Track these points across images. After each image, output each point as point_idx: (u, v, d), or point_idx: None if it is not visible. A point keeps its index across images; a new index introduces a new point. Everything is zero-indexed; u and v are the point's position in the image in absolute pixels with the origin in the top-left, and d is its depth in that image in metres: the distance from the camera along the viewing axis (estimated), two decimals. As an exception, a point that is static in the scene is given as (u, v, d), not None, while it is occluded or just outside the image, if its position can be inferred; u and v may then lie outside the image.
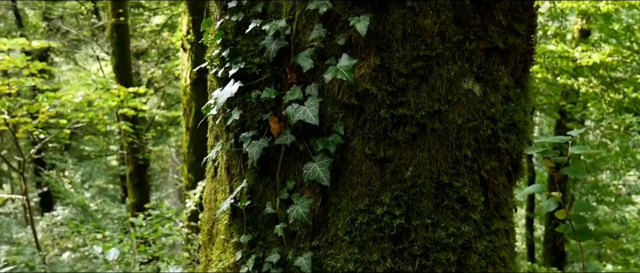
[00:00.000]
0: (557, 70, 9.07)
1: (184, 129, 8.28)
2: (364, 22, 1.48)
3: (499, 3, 1.60)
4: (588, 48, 8.62)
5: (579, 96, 9.61)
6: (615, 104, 9.11)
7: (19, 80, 8.36)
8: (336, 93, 1.58)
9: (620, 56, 8.54)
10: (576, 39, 9.80)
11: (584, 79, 9.00)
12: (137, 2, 11.82)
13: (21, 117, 8.24)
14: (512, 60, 1.68)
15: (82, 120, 9.00)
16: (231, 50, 1.68)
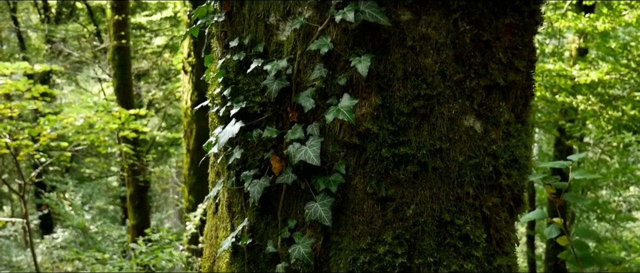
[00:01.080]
0: (555, 89, 9.09)
1: (185, 150, 8.29)
2: (365, 63, 1.50)
3: (499, 41, 1.61)
4: (586, 66, 8.66)
5: (578, 113, 9.63)
6: (614, 121, 9.12)
7: (21, 103, 8.38)
8: (337, 132, 1.59)
9: (618, 74, 8.57)
10: (574, 57, 9.84)
11: (582, 97, 9.02)
12: (139, 23, 11.90)
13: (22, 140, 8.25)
14: (513, 96, 1.69)
15: (83, 142, 9.01)
16: (233, 89, 1.69)
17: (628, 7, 7.53)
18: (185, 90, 8.14)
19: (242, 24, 1.69)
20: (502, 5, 1.58)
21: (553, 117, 9.96)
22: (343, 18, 1.48)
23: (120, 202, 13.04)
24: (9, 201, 12.70)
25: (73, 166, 12.87)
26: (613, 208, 11.41)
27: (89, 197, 12.23)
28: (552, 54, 9.05)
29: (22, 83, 8.04)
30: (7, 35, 13.24)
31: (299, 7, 1.59)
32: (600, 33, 8.40)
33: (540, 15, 1.71)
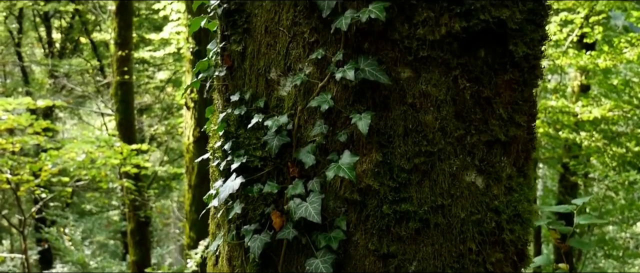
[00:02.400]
0: (558, 125, 9.09)
1: (186, 186, 8.27)
2: (366, 120, 1.49)
3: (499, 97, 1.61)
4: (588, 103, 8.68)
5: (582, 150, 9.61)
6: (619, 157, 9.10)
7: (23, 138, 8.41)
8: (338, 188, 1.58)
9: (621, 111, 8.57)
10: (576, 93, 9.88)
11: (585, 133, 9.01)
12: (142, 58, 12.02)
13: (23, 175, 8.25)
14: (514, 150, 1.69)
15: (84, 177, 9.00)
16: (233, 143, 1.68)
17: (629, 45, 7.58)
18: (187, 125, 8.17)
19: (243, 79, 1.70)
20: (501, 62, 1.59)
21: (557, 152, 9.95)
22: (343, 76, 1.48)
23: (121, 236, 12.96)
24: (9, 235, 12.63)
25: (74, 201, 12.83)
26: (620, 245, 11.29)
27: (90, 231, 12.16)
28: (555, 91, 9.09)
29: (25, 118, 8.09)
30: (11, 69, 13.37)
31: (299, 63, 1.59)
32: (602, 70, 8.44)
33: (540, 70, 1.71)
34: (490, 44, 1.57)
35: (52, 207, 12.22)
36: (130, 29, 9.79)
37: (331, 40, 1.55)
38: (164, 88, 12.27)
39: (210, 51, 1.80)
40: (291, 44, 1.60)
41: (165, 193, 13.34)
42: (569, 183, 10.68)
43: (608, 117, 8.50)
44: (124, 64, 9.59)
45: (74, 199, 12.54)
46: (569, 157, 9.90)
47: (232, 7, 1.68)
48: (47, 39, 12.86)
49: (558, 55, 7.85)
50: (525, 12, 1.60)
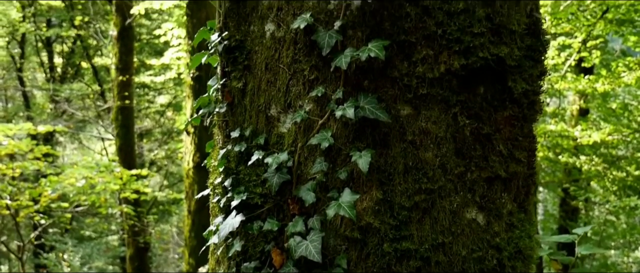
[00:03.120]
0: (558, 149, 9.10)
1: (186, 212, 8.23)
2: (366, 158, 1.49)
3: (499, 133, 1.61)
4: (587, 127, 8.69)
5: (582, 174, 9.60)
6: (619, 181, 9.08)
7: (23, 163, 8.41)
8: (339, 226, 1.57)
9: (621, 135, 8.59)
10: (575, 117, 9.90)
11: (585, 157, 9.01)
12: (143, 83, 12.08)
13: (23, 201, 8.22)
14: (515, 186, 1.68)
15: (83, 203, 8.97)
16: (233, 179, 1.68)
17: (627, 69, 7.63)
18: (187, 151, 8.16)
19: (243, 115, 1.70)
20: (501, 99, 1.59)
21: (557, 176, 9.94)
22: (343, 114, 1.48)
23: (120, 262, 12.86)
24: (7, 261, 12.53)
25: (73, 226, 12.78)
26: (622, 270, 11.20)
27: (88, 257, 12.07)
28: (554, 115, 9.11)
29: (25, 144, 8.10)
30: (12, 93, 13.43)
31: (299, 100, 1.60)
32: (600, 94, 8.48)
33: (539, 105, 1.71)
34: (490, 80, 1.57)
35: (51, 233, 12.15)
36: (132, 54, 9.85)
37: (331, 77, 1.55)
38: (164, 112, 12.30)
39: (210, 87, 1.81)
40: (291, 81, 1.60)
41: (164, 218, 13.28)
42: (570, 207, 10.64)
43: (608, 141, 8.51)
44: (124, 88, 9.63)
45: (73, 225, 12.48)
46: (569, 181, 9.88)
47: (232, 43, 1.69)
48: (49, 64, 12.93)
49: (556, 79, 7.89)
50: (524, 48, 1.61)
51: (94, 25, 11.77)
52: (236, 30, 1.69)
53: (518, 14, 1.59)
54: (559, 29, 7.62)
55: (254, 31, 1.66)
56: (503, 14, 1.55)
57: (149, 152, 12.54)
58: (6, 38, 12.23)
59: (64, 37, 12.29)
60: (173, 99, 12.56)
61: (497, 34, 1.54)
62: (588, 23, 6.88)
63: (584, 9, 6.73)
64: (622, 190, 9.29)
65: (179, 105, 11.78)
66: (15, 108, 13.10)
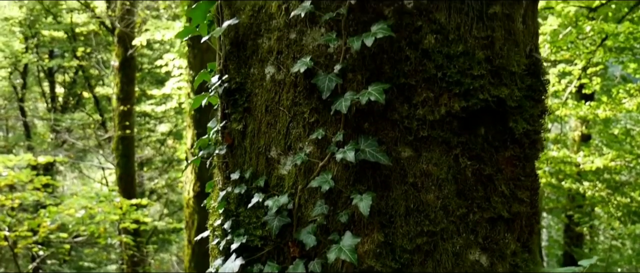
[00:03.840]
0: (561, 175, 9.06)
1: (186, 242, 8.17)
2: (367, 201, 1.48)
3: (501, 173, 1.60)
4: (590, 153, 8.68)
5: (586, 199, 9.55)
6: (623, 207, 9.02)
7: (23, 194, 8.39)
8: (340, 269, 1.55)
9: (623, 160, 8.56)
10: (577, 143, 9.89)
11: (589, 183, 8.97)
12: (144, 112, 12.11)
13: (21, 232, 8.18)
14: (518, 226, 1.66)
15: (83, 233, 8.91)
16: (233, 222, 1.67)
17: (627, 95, 7.64)
18: (187, 180, 8.13)
19: (243, 157, 1.70)
20: (502, 139, 1.59)
21: (561, 202, 9.88)
22: (344, 157, 1.47)
23: (120, 292, 12.71)
24: (6, 292, 12.39)
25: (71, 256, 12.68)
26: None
27: (88, 287, 11.94)
28: (556, 141, 9.10)
29: (25, 174, 8.09)
30: (13, 123, 13.47)
31: (299, 142, 1.59)
32: (602, 120, 8.47)
33: (541, 143, 1.70)
34: (490, 121, 1.57)
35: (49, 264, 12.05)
36: (133, 84, 9.91)
37: (331, 120, 1.55)
38: (165, 141, 12.30)
39: (210, 129, 1.81)
40: (291, 123, 1.60)
41: (164, 247, 13.18)
42: (575, 233, 10.56)
43: (610, 166, 8.49)
44: (125, 118, 9.66)
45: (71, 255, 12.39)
46: (573, 207, 9.82)
47: (232, 86, 1.69)
48: (51, 94, 13.00)
49: (558, 106, 7.90)
50: (524, 89, 1.60)
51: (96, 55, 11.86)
52: (236, 73, 1.69)
53: (517, 55, 1.60)
54: (559, 56, 7.66)
55: (254, 74, 1.66)
56: (503, 55, 1.55)
57: (149, 181, 12.51)
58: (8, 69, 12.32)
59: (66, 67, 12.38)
60: (174, 127, 12.58)
61: (497, 76, 1.54)
62: (588, 50, 6.91)
63: (583, 37, 6.77)
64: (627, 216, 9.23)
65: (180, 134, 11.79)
66: (16, 138, 13.12)
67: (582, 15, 6.81)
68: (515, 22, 1.62)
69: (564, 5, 6.75)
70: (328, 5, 1.55)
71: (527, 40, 1.66)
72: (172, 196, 13.41)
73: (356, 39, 1.48)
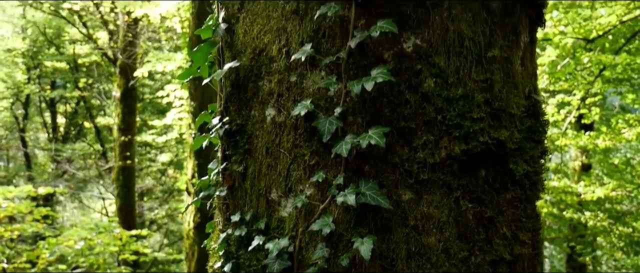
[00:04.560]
0: (562, 205, 9.03)
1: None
2: (368, 245, 1.47)
3: (502, 215, 1.60)
4: (590, 182, 8.65)
5: (587, 229, 9.49)
6: (625, 237, 8.96)
7: (22, 226, 8.35)
8: (341, 313, 1.53)
9: (624, 190, 8.53)
10: (578, 172, 9.88)
11: (590, 213, 8.93)
12: (144, 141, 12.13)
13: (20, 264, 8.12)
14: (520, 267, 1.65)
15: (82, 265, 8.84)
16: (234, 264, 1.65)
17: (626, 126, 7.65)
18: (188, 211, 8.10)
19: (243, 199, 1.69)
20: (502, 181, 1.59)
21: (563, 232, 9.82)
22: (344, 201, 1.47)
23: (118, 324, 12.53)
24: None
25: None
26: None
27: (86, 320, 11.76)
28: (556, 171, 9.08)
29: (25, 206, 8.07)
30: (14, 153, 13.48)
31: (300, 184, 1.59)
32: (602, 150, 8.48)
33: (542, 184, 1.71)
34: (491, 164, 1.57)
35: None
36: (134, 115, 9.94)
37: (332, 163, 1.55)
38: (165, 170, 12.29)
39: (211, 170, 1.81)
40: (292, 165, 1.60)
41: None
42: (577, 263, 10.46)
43: (612, 196, 8.45)
44: (126, 149, 9.67)
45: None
46: (575, 237, 9.76)
47: (233, 128, 1.70)
48: (52, 124, 13.04)
49: (557, 136, 7.91)
50: (524, 130, 1.61)
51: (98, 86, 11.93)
52: (237, 115, 1.70)
53: (517, 97, 1.61)
54: (557, 86, 7.70)
55: (254, 116, 1.67)
56: (502, 98, 1.56)
57: (150, 211, 12.45)
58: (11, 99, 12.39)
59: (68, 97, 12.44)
60: (175, 157, 12.59)
61: (497, 118, 1.55)
62: (586, 81, 6.95)
63: (581, 68, 6.82)
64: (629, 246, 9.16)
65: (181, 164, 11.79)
66: (16, 168, 13.11)
67: (580, 47, 6.87)
68: (513, 65, 1.63)
69: (561, 37, 6.81)
70: (328, 49, 1.57)
71: (526, 81, 1.68)
72: (172, 226, 13.33)
73: (356, 83, 1.49)
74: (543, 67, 6.93)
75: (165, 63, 8.22)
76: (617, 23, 6.67)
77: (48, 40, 12.20)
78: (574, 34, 6.91)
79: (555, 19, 6.98)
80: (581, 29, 6.76)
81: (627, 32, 7.39)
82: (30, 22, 12.22)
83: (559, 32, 6.96)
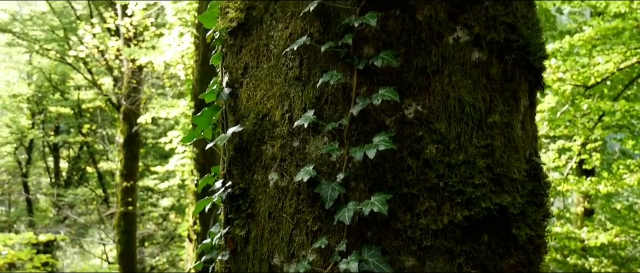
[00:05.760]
0: (566, 251, 8.93)
1: (186, 323, 7.95)
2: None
3: (506, 281, 1.59)
4: (593, 228, 8.58)
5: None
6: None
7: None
8: None
9: (628, 236, 8.46)
10: (580, 217, 9.81)
11: (594, 259, 8.82)
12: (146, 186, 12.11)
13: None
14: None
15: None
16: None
17: (628, 171, 7.65)
18: (189, 258, 8.03)
19: (246, 263, 1.69)
20: (505, 246, 1.58)
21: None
22: (347, 269, 1.47)
23: None
24: None
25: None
26: None
27: None
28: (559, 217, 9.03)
29: (25, 253, 8.03)
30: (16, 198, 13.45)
31: (302, 250, 1.59)
32: (604, 195, 8.44)
33: (545, 247, 1.70)
34: (493, 229, 1.57)
35: None
36: (137, 160, 9.97)
37: (334, 229, 1.55)
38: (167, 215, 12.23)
39: (213, 234, 1.81)
40: (294, 230, 1.60)
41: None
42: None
43: (615, 242, 8.37)
44: (128, 194, 9.65)
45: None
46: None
47: (236, 191, 1.71)
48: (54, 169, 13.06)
49: (559, 181, 7.89)
50: (526, 195, 1.62)
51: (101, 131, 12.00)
52: (240, 179, 1.71)
53: (518, 161, 1.62)
54: (558, 131, 7.73)
55: (257, 180, 1.68)
56: (503, 163, 1.58)
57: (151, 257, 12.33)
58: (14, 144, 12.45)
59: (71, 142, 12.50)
60: (177, 202, 12.54)
61: (499, 184, 1.56)
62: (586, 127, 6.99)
63: (581, 114, 6.87)
64: (636, 294, 9.01)
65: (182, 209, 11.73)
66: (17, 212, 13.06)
67: (579, 94, 6.94)
68: (514, 129, 1.65)
69: (560, 83, 6.88)
70: (330, 115, 1.59)
71: (526, 145, 1.70)
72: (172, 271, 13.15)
73: (358, 150, 1.51)
74: (543, 113, 6.97)
75: (168, 109, 8.29)
76: (615, 70, 6.75)
77: (53, 86, 12.34)
78: (573, 81, 6.98)
79: (554, 66, 7.06)
80: (579, 76, 6.84)
81: (625, 79, 7.47)
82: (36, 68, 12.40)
83: (557, 79, 7.04)
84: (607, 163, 8.81)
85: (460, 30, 1.60)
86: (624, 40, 6.51)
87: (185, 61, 8.49)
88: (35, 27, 11.99)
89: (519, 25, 1.67)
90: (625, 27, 6.51)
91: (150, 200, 12.77)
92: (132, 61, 9.29)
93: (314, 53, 1.62)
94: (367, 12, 1.56)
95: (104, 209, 11.92)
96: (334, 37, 1.59)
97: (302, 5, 1.65)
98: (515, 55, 1.66)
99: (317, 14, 1.62)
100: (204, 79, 7.54)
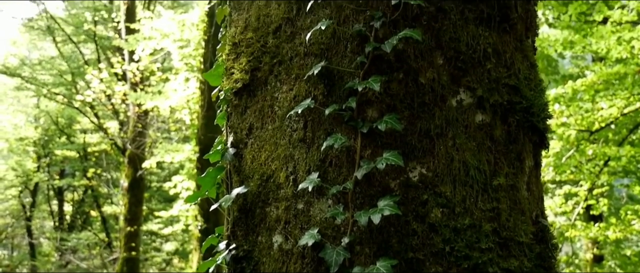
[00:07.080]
0: (577, 299, 8.75)
1: None
2: None
3: None
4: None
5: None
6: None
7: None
8: None
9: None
10: (590, 264, 9.65)
11: (607, 308, 8.63)
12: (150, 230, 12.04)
13: None
14: None
15: None
16: None
17: (636, 217, 7.56)
18: (192, 306, 7.90)
19: (249, 327, 1.66)
20: (514, 312, 1.55)
21: (578, 327, 9.45)
22: None
23: None
24: None
25: None
26: None
27: None
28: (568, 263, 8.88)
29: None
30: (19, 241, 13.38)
31: (307, 315, 1.56)
32: (613, 241, 8.32)
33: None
34: (501, 294, 1.54)
35: None
36: (141, 205, 9.94)
37: (339, 294, 1.53)
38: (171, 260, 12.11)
39: (216, 296, 1.79)
40: (299, 295, 1.58)
41: None
42: None
43: (628, 291, 8.21)
44: (132, 239, 9.59)
45: None
46: (593, 331, 9.37)
47: (240, 253, 1.69)
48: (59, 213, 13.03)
49: (567, 227, 7.80)
50: (534, 258, 1.60)
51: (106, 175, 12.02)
52: (244, 240, 1.70)
53: (524, 223, 1.61)
54: (564, 176, 7.69)
55: (261, 242, 1.67)
56: (509, 227, 1.56)
57: (153, 304, 12.15)
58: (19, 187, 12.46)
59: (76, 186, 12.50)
60: (180, 246, 12.44)
61: (506, 248, 1.54)
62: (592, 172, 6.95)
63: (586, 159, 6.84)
64: None
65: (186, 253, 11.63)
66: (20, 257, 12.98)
67: (583, 139, 6.93)
68: (519, 191, 1.64)
69: (564, 128, 6.88)
70: (335, 177, 1.59)
71: (532, 206, 1.68)
72: (174, 317, 12.93)
73: (363, 214, 1.50)
74: (548, 159, 6.95)
75: (173, 154, 8.31)
76: (619, 115, 6.76)
77: (60, 130, 12.43)
78: (577, 126, 6.98)
79: (558, 111, 7.08)
80: (583, 121, 6.84)
81: (629, 123, 7.47)
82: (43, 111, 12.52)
83: (561, 124, 7.04)
84: (615, 209, 8.72)
85: (464, 93, 1.61)
86: (626, 86, 6.54)
87: (191, 106, 8.56)
88: (44, 71, 12.19)
89: (521, 87, 1.68)
90: (627, 72, 6.56)
91: (154, 245, 12.67)
92: (138, 105, 9.37)
93: (318, 115, 1.63)
94: (370, 76, 1.58)
95: (107, 254, 11.82)
96: (337, 100, 1.60)
97: (307, 68, 1.66)
98: (519, 117, 1.66)
99: (321, 77, 1.64)
100: (209, 124, 7.59)
